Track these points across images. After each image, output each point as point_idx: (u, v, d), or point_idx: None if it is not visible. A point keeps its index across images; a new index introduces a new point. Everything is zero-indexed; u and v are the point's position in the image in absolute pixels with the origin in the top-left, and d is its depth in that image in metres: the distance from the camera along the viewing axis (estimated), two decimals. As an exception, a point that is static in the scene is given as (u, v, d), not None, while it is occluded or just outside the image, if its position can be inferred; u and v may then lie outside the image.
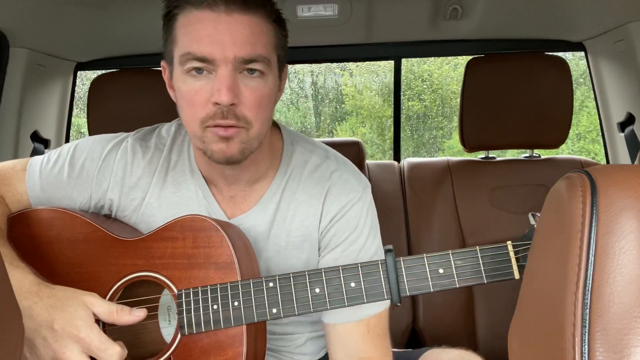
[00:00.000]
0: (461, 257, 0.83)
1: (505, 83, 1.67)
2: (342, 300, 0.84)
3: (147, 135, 1.02)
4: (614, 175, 0.45)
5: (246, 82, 0.83)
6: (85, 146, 0.99)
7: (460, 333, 1.61)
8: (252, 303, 0.84)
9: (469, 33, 1.76)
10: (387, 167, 1.82)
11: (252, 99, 0.83)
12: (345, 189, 0.97)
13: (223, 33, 0.80)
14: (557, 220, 0.48)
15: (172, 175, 0.98)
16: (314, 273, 0.84)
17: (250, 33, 0.82)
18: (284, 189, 0.97)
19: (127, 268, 0.89)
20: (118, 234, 0.91)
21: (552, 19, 1.67)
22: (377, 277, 0.84)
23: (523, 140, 1.72)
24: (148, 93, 1.70)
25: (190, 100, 0.84)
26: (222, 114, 0.81)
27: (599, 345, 0.41)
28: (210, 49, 0.80)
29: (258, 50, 0.82)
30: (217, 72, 0.81)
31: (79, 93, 2.37)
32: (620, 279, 0.42)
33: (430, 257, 0.84)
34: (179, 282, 0.87)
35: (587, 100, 6.40)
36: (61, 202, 0.98)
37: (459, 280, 0.83)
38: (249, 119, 0.84)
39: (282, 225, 0.97)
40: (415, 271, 0.84)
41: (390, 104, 3.31)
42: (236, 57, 0.80)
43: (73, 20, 1.53)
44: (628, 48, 1.58)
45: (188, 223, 0.88)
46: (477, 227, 1.66)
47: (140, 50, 1.83)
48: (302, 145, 1.01)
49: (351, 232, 0.96)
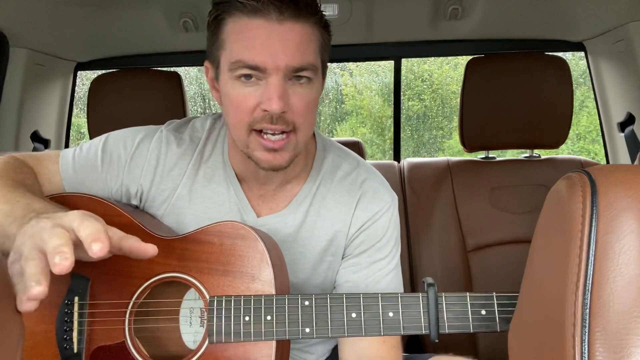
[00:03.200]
0: (505, 300, 0.79)
1: (505, 83, 1.67)
2: (378, 328, 0.81)
3: (181, 127, 1.01)
4: (614, 175, 0.45)
5: (295, 89, 0.83)
6: (118, 135, 0.99)
7: (460, 334, 1.61)
8: (286, 320, 0.81)
9: (469, 33, 1.76)
10: (387, 167, 1.82)
11: (300, 105, 0.83)
12: (376, 198, 0.98)
13: (275, 42, 0.80)
14: (557, 220, 0.48)
15: (205, 169, 0.98)
16: (351, 297, 0.82)
17: (301, 41, 0.81)
18: (315, 193, 0.98)
19: (160, 267, 0.87)
20: (153, 230, 0.90)
21: (552, 19, 1.67)
22: (416, 310, 0.81)
23: (523, 140, 1.72)
24: (148, 93, 1.70)
25: (239, 105, 0.84)
26: (272, 119, 0.82)
27: (599, 345, 0.41)
28: (263, 58, 0.80)
29: (308, 59, 0.82)
30: (268, 81, 0.81)
31: (79, 93, 2.37)
32: (620, 279, 0.42)
33: (473, 297, 0.80)
34: (210, 287, 0.85)
35: (587, 100, 6.40)
36: (93, 186, 0.96)
37: (500, 324, 0.79)
38: (297, 125, 0.84)
39: (311, 229, 0.97)
40: (457, 309, 0.80)
41: (390, 104, 3.31)
42: (287, 67, 0.80)
43: (73, 20, 1.53)
44: (628, 48, 1.58)
45: (227, 229, 0.86)
46: (477, 227, 1.66)
47: (140, 50, 1.83)
48: (334, 152, 1.02)
49: (377, 241, 0.97)
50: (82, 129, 4.62)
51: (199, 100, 7.34)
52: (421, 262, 1.64)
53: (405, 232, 1.68)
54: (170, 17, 1.59)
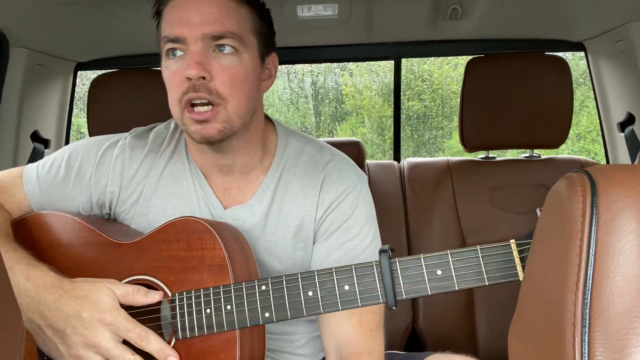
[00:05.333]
0: (460, 257, 0.78)
1: (505, 83, 1.67)
2: (335, 303, 0.81)
3: (144, 133, 1.04)
4: (614, 175, 0.45)
5: (219, 59, 0.86)
6: (80, 148, 1.01)
7: (460, 333, 1.61)
8: (245, 307, 0.82)
9: (469, 33, 1.76)
10: (387, 167, 1.82)
11: (225, 74, 0.86)
12: (341, 178, 0.98)
13: (192, 14, 0.85)
14: (557, 220, 0.48)
15: (170, 167, 1.00)
16: (306, 276, 0.82)
17: (218, 12, 0.86)
18: (279, 179, 0.98)
19: (125, 271, 0.88)
20: (116, 237, 0.91)
21: (552, 19, 1.67)
22: (371, 279, 0.80)
23: (523, 140, 1.72)
24: (148, 93, 1.70)
25: (170, 81, 0.89)
26: (194, 87, 0.84)
27: (599, 345, 0.41)
28: (180, 29, 0.85)
29: (227, 27, 0.86)
30: (189, 51, 0.85)
31: (79, 93, 2.37)
32: (620, 279, 0.42)
33: (428, 258, 0.79)
34: (173, 285, 0.86)
35: (587, 100, 6.40)
36: (62, 204, 0.99)
37: (458, 282, 0.77)
38: (223, 95, 0.86)
39: (278, 216, 0.98)
40: (412, 273, 0.79)
41: (390, 104, 3.31)
42: (204, 34, 0.84)
43: (73, 20, 1.53)
44: (628, 48, 1.58)
45: (181, 225, 0.88)
46: (477, 227, 1.66)
47: (140, 50, 1.83)
48: (296, 138, 1.03)
49: (345, 221, 0.97)
50: (82, 129, 4.61)
51: (199, 100, 7.33)
52: (421, 262, 1.63)
53: (405, 232, 1.68)
54: (170, 17, 1.59)
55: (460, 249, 0.79)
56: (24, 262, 0.84)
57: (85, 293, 0.81)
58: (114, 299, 0.82)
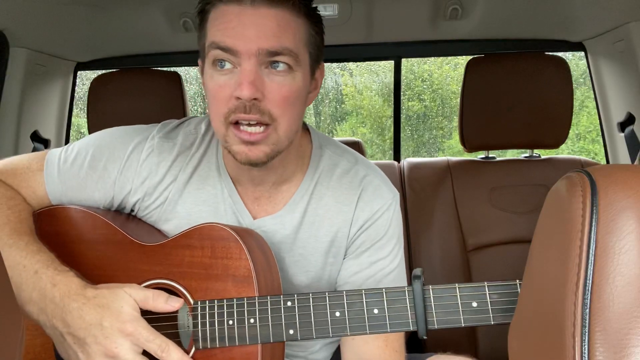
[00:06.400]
0: (498, 290, 0.73)
1: (505, 83, 1.67)
2: (363, 327, 0.77)
3: (173, 132, 0.99)
4: (614, 175, 0.45)
5: (272, 77, 0.81)
6: (105, 146, 0.96)
7: (460, 333, 1.61)
8: (269, 322, 0.79)
9: (469, 33, 1.76)
10: (387, 167, 1.82)
11: (278, 94, 0.81)
12: (377, 195, 0.95)
13: (248, 26, 0.79)
14: (557, 220, 0.48)
15: (198, 172, 0.96)
16: (334, 295, 0.78)
17: (277, 26, 0.80)
18: (312, 192, 0.96)
19: (146, 274, 0.86)
20: (138, 237, 0.89)
21: (552, 19, 1.67)
22: (403, 304, 0.76)
23: (523, 140, 1.72)
24: (148, 93, 1.70)
25: (215, 95, 0.83)
26: (245, 108, 0.79)
27: (599, 345, 0.41)
28: (234, 40, 0.79)
29: (284, 43, 0.80)
30: (241, 67, 0.80)
31: (79, 93, 2.37)
32: (620, 279, 0.42)
33: (463, 289, 0.74)
34: (195, 292, 0.83)
35: (587, 100, 6.40)
36: (79, 196, 0.95)
37: (494, 316, 0.72)
38: (274, 116, 0.81)
39: (310, 230, 0.95)
40: (446, 302, 0.75)
41: (390, 104, 3.31)
42: (260, 50, 0.79)
43: (73, 20, 1.53)
44: (628, 48, 1.58)
45: (207, 231, 0.85)
46: (477, 227, 1.66)
47: (140, 50, 1.83)
48: (331, 149, 1.00)
49: (378, 240, 0.95)
50: (82, 129, 4.61)
51: (199, 100, 7.34)
52: (421, 263, 1.63)
53: (405, 232, 1.68)
54: (170, 17, 1.59)
55: (498, 282, 0.74)
56: (51, 266, 0.82)
57: (107, 301, 0.79)
58: (135, 308, 0.79)
